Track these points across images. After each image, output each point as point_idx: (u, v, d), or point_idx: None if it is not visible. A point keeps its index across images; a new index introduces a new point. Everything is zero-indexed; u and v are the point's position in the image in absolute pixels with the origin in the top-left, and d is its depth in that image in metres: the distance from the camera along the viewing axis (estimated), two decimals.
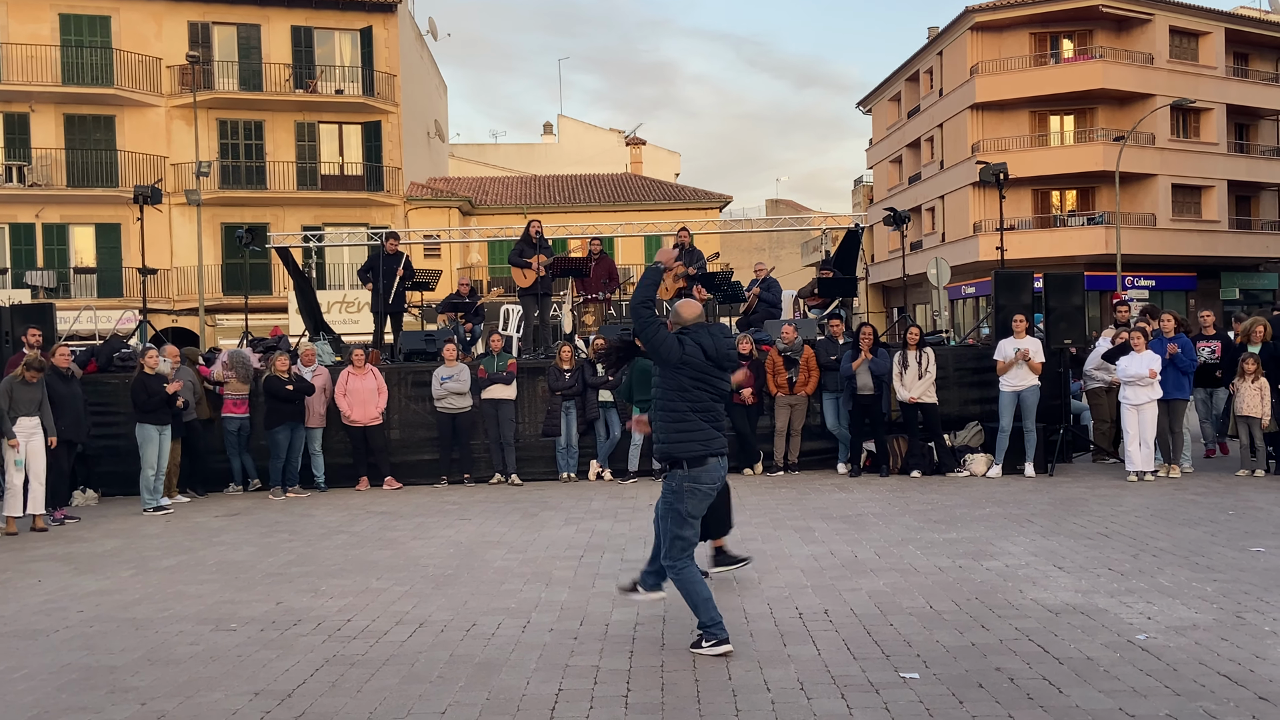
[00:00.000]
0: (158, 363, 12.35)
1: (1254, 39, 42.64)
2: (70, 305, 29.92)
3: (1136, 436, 12.09)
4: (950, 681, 5.15)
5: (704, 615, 5.75)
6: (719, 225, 27.53)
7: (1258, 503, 10.30)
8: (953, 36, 42.04)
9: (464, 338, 16.54)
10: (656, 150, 55.05)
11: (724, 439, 6.00)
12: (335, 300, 30.56)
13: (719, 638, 5.70)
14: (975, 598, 6.79)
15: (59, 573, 8.66)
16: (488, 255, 38.16)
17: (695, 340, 5.90)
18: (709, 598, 5.79)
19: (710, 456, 5.86)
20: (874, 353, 13.17)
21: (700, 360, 5.87)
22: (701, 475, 5.84)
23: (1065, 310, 13.53)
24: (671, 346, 5.86)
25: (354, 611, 6.94)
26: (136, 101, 34.31)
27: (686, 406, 5.87)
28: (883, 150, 51.61)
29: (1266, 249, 42.32)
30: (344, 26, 36.06)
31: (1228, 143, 41.43)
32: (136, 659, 5.97)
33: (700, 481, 5.84)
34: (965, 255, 39.14)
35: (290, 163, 35.51)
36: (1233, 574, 7.23)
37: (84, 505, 12.99)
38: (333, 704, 5.10)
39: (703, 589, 5.80)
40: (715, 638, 5.71)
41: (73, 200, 33.95)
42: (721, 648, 5.68)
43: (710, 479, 5.87)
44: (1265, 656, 5.38)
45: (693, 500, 5.85)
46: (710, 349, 5.89)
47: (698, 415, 5.87)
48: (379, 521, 10.90)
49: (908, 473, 13.24)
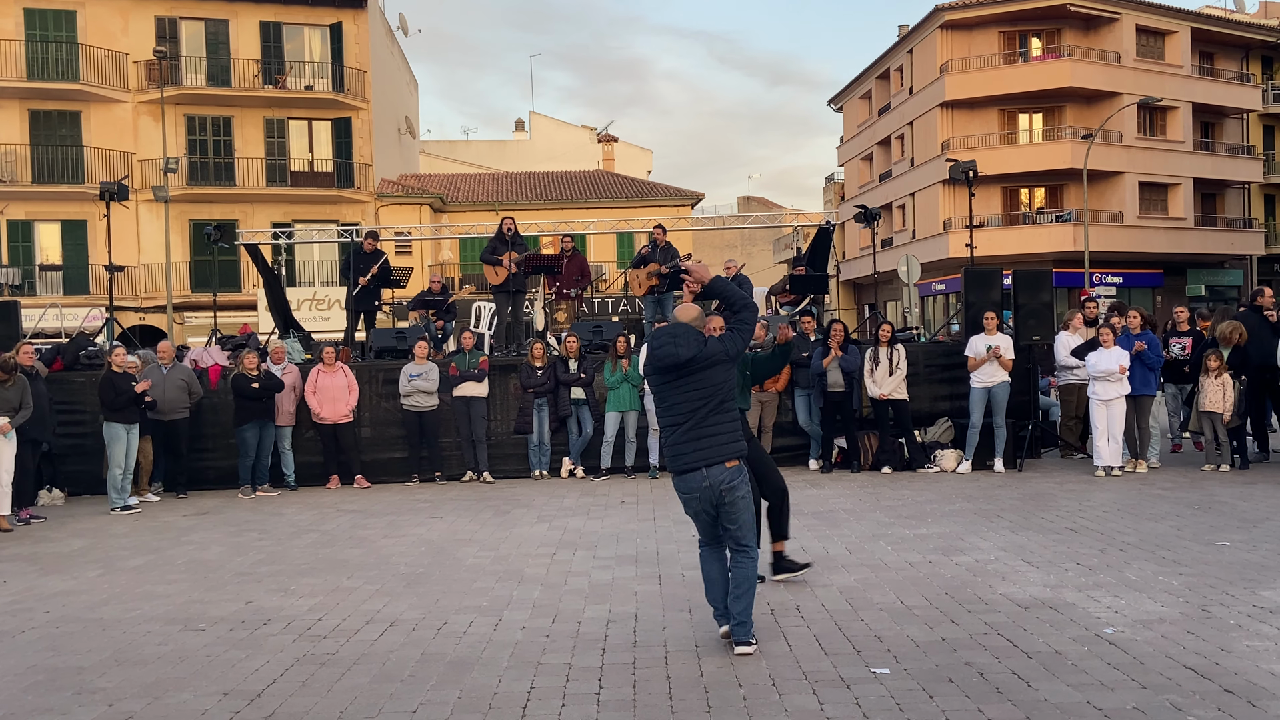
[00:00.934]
0: (125, 360, 12.24)
1: (1220, 38, 43.09)
2: (35, 303, 29.56)
3: (1105, 432, 12.19)
4: (921, 676, 5.18)
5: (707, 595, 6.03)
6: (691, 222, 27.52)
7: (1223, 497, 10.42)
8: (923, 35, 42.25)
9: (435, 335, 16.49)
10: (628, 147, 55.04)
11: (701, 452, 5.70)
12: (305, 298, 30.36)
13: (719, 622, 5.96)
14: (945, 593, 6.83)
15: (25, 573, 8.57)
16: (459, 252, 38.02)
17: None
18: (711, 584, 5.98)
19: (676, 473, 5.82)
20: (845, 349, 13.22)
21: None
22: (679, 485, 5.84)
23: (1034, 307, 13.62)
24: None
25: (324, 610, 6.90)
26: (103, 97, 33.96)
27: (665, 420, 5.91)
28: (854, 148, 51.81)
29: (1232, 246, 42.83)
30: (313, 22, 35.81)
31: (1194, 141, 41.86)
32: (104, 660, 5.91)
33: (679, 491, 5.87)
34: (935, 252, 39.37)
35: (259, 159, 35.24)
36: (1199, 568, 7.30)
37: (50, 505, 12.85)
38: (303, 704, 5.07)
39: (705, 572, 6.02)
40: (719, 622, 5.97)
41: (38, 197, 33.57)
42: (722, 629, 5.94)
43: (684, 489, 5.78)
44: (1230, 649, 5.44)
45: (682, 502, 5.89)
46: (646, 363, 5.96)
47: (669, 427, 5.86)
48: (350, 520, 10.85)
49: (879, 469, 13.30)
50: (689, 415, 5.70)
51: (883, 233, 44.41)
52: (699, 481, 5.67)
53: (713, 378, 5.72)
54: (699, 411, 5.69)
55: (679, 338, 5.69)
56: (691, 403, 5.69)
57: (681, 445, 5.72)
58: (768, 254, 59.37)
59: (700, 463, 5.67)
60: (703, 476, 5.66)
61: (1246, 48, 44.23)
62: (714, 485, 5.66)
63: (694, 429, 5.69)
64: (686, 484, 5.73)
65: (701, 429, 5.69)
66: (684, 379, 5.70)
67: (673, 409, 5.76)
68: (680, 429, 5.72)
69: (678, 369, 5.69)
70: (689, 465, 5.69)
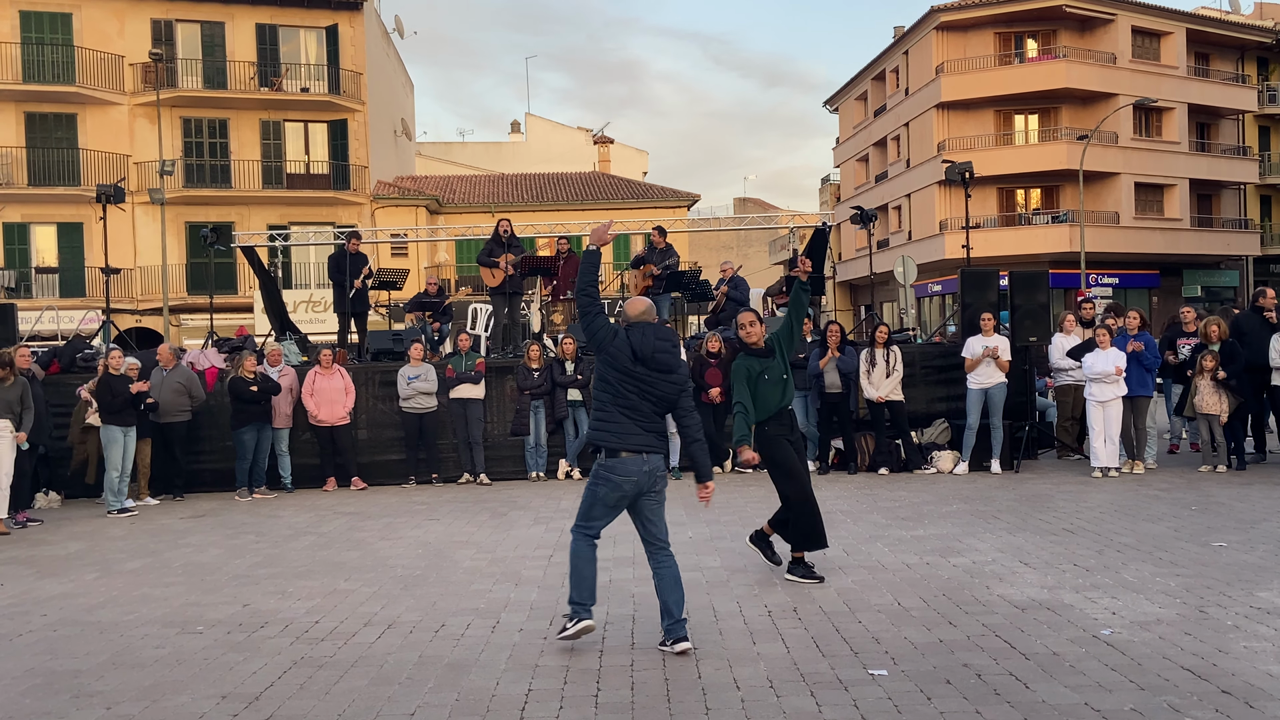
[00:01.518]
0: (122, 363, 12.23)
1: (1215, 39, 43.18)
2: (32, 305, 29.49)
3: (1101, 433, 12.20)
4: (918, 678, 5.18)
5: (574, 590, 5.91)
6: (687, 224, 27.53)
7: (1220, 498, 10.43)
8: (918, 36, 42.30)
9: (432, 337, 16.48)
10: (624, 149, 55.02)
11: (650, 437, 5.86)
12: (301, 300, 30.30)
13: (580, 616, 5.87)
14: (942, 594, 6.84)
15: (22, 576, 8.55)
16: (455, 254, 38.02)
17: (628, 337, 5.87)
18: (585, 576, 5.90)
19: (624, 451, 5.80)
20: (841, 351, 13.23)
21: (626, 357, 5.83)
22: (615, 466, 5.80)
23: (1030, 308, 13.63)
24: (604, 336, 5.88)
25: (322, 613, 6.89)
26: (99, 99, 33.93)
27: (609, 398, 5.87)
28: (850, 149, 51.86)
29: (1228, 247, 42.89)
30: (309, 24, 35.80)
31: (1189, 142, 41.94)
32: (101, 663, 5.90)
33: (614, 472, 5.81)
34: (931, 253, 39.40)
35: (255, 161, 35.22)
36: (1196, 569, 7.31)
37: (47, 508, 12.83)
38: (301, 706, 5.06)
39: (582, 564, 5.90)
40: (578, 616, 5.87)
41: (34, 199, 33.53)
42: (582, 623, 5.85)
43: (624, 472, 5.79)
44: (1228, 651, 5.45)
45: (605, 488, 5.84)
46: (639, 348, 5.82)
47: (620, 409, 5.83)
48: (347, 522, 10.84)
49: (875, 470, 13.31)
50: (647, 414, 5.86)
51: (879, 234, 44.46)
52: (640, 466, 5.79)
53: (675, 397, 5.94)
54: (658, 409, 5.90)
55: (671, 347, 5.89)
56: (650, 405, 5.86)
57: (630, 427, 5.81)
58: (764, 255, 59.42)
59: (645, 448, 5.81)
60: (644, 461, 5.81)
61: (1242, 48, 44.32)
62: (652, 471, 5.83)
63: (646, 420, 5.86)
64: (625, 469, 5.78)
65: (652, 424, 5.89)
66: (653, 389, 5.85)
67: (624, 398, 5.84)
68: (632, 416, 5.82)
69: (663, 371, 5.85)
70: (635, 447, 5.79)
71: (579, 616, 5.88)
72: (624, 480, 5.80)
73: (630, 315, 5.98)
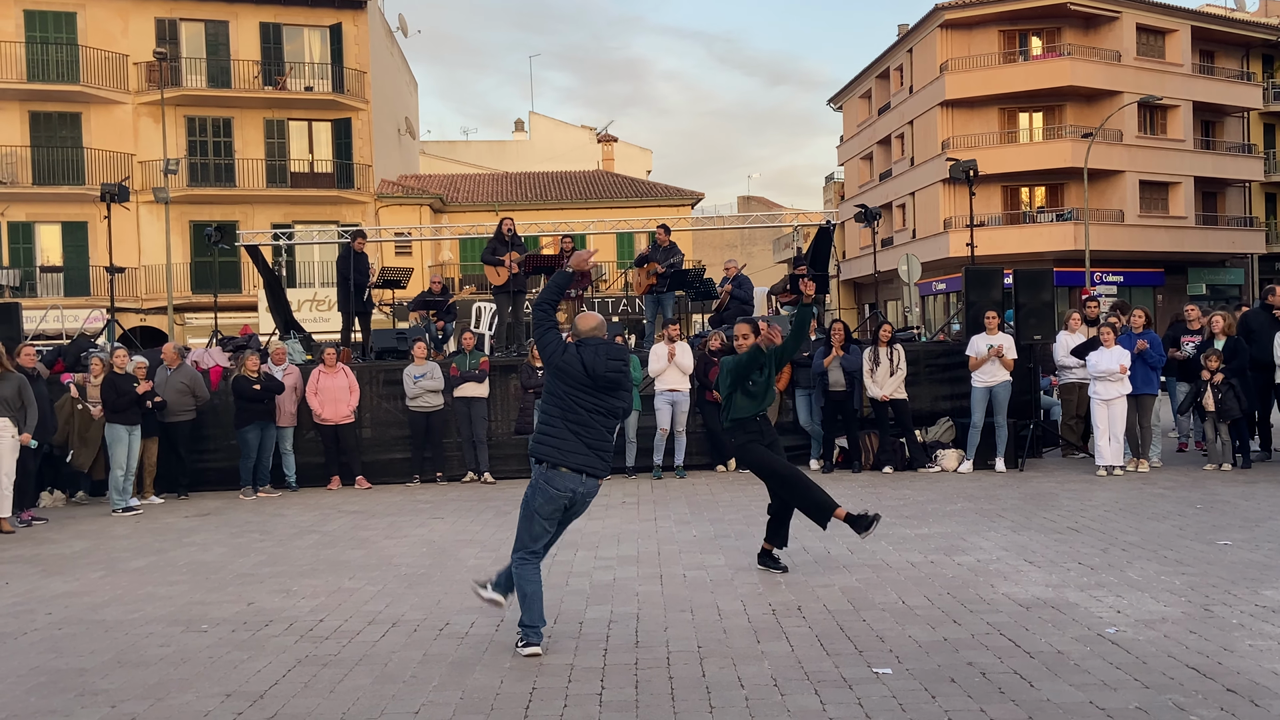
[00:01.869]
0: (126, 362, 12.24)
1: (1220, 36, 43.09)
2: (36, 304, 29.59)
3: (1106, 431, 12.18)
4: (923, 676, 5.18)
5: (526, 615, 5.81)
6: (691, 222, 27.51)
7: (1225, 496, 10.41)
8: (923, 34, 42.25)
9: (436, 336, 16.47)
10: (628, 147, 55.03)
11: (593, 457, 5.85)
12: (305, 299, 30.39)
13: (530, 640, 5.77)
14: (947, 593, 6.83)
15: (27, 575, 8.56)
16: (459, 253, 38.03)
17: (579, 353, 5.85)
18: (537, 598, 5.83)
19: (564, 467, 5.80)
20: (846, 349, 13.22)
21: (577, 372, 5.81)
22: (554, 479, 5.81)
23: (1035, 306, 13.60)
24: (553, 350, 5.88)
25: (326, 611, 6.90)
26: (103, 98, 33.96)
27: (558, 413, 5.86)
28: (854, 147, 51.81)
29: (1233, 244, 42.82)
30: (313, 23, 35.82)
31: (1194, 139, 41.86)
32: (106, 661, 5.91)
33: (552, 484, 5.81)
34: (936, 251, 39.37)
35: (259, 160, 35.25)
36: (1201, 567, 7.30)
37: (52, 506, 12.85)
38: (305, 705, 5.07)
39: (532, 589, 5.83)
40: (527, 640, 5.78)
41: (38, 198, 33.58)
42: (530, 649, 5.74)
43: (561, 486, 5.80)
44: (1233, 649, 5.44)
45: (541, 499, 5.84)
46: (590, 365, 5.80)
47: (567, 424, 5.83)
48: (351, 521, 10.84)
49: (880, 468, 13.30)
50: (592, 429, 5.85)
51: (883, 232, 44.42)
52: (576, 485, 5.83)
53: (617, 416, 5.98)
54: (600, 430, 5.88)
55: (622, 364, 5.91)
56: (599, 422, 5.87)
57: (576, 445, 5.81)
58: (768, 254, 59.38)
59: (587, 469, 5.84)
60: (581, 482, 5.84)
61: (1247, 46, 44.23)
62: (586, 495, 5.90)
63: (594, 440, 5.86)
64: (564, 482, 5.81)
65: (599, 443, 5.89)
66: (602, 405, 5.87)
67: (573, 413, 5.84)
68: (580, 435, 5.82)
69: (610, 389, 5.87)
70: (578, 466, 5.81)
71: (528, 640, 5.78)
72: (559, 494, 5.81)
73: (581, 330, 6.00)
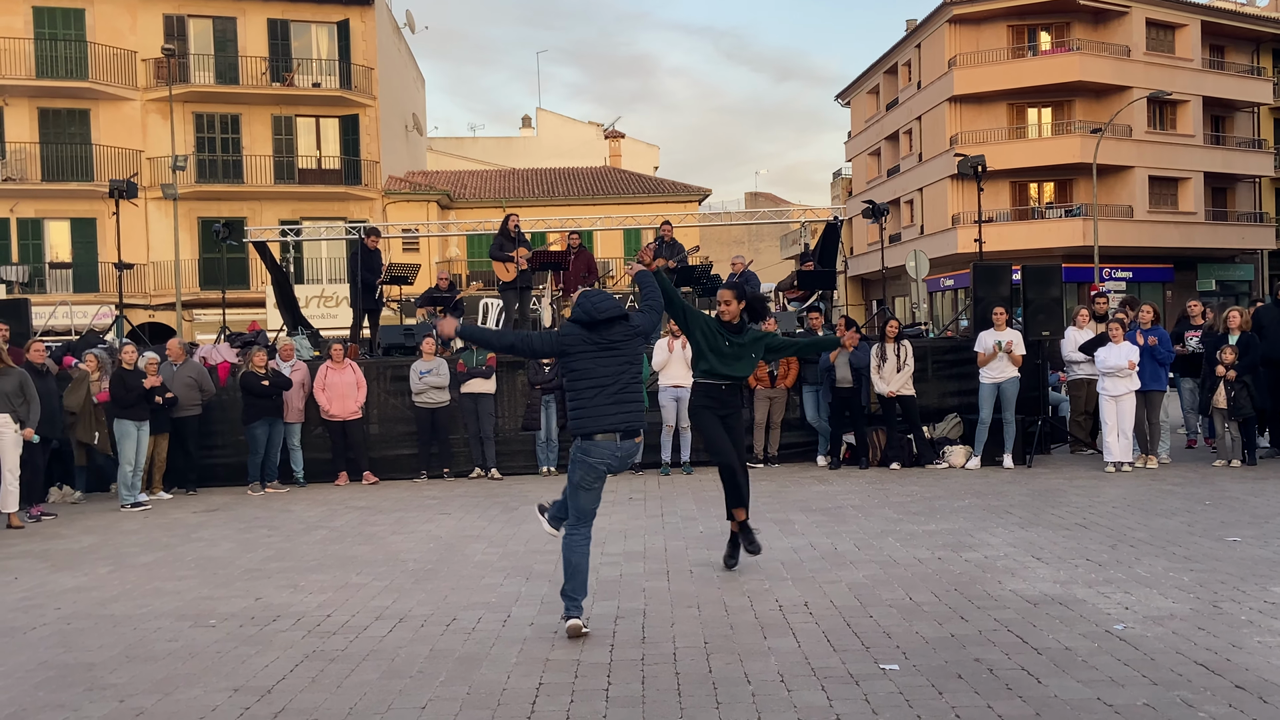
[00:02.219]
0: (135, 358, 12.27)
1: (1230, 31, 42.91)
2: (45, 300, 29.66)
3: (1115, 428, 12.15)
4: (930, 672, 5.17)
5: (567, 583, 6.01)
6: (698, 218, 27.49)
7: (1234, 493, 10.38)
8: (931, 29, 42.14)
9: None
10: (635, 143, 54.99)
11: (625, 412, 6.00)
12: (313, 295, 30.39)
13: (569, 612, 5.96)
14: (954, 589, 6.82)
15: (36, 570, 8.59)
16: (466, 249, 38.04)
17: (572, 319, 6.10)
18: (580, 570, 6.01)
19: (598, 434, 5.95)
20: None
21: (575, 331, 6.02)
22: (590, 450, 5.97)
23: (1043, 302, 13.57)
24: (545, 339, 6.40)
25: (333, 607, 6.91)
26: (111, 95, 34.03)
27: (581, 385, 6.03)
28: (861, 143, 51.71)
29: (1243, 240, 42.66)
30: (321, 19, 35.86)
31: (1204, 135, 41.72)
32: (114, 656, 5.93)
33: (589, 455, 5.98)
34: (944, 247, 39.29)
35: (267, 156, 35.30)
36: (1209, 564, 7.28)
37: (61, 502, 12.89)
38: (312, 700, 5.07)
39: (577, 558, 6.02)
40: (568, 612, 5.97)
41: (47, 194, 33.69)
42: (570, 622, 5.92)
43: (596, 455, 5.96)
44: (1241, 645, 5.42)
45: (580, 471, 6.02)
46: (586, 311, 5.99)
47: (590, 387, 5.98)
48: (358, 516, 10.86)
49: (887, 465, 13.28)
50: (615, 379, 5.98)
51: (891, 228, 44.38)
52: (613, 450, 5.97)
53: (634, 347, 6.10)
54: (622, 378, 6.01)
55: (611, 298, 6.09)
56: (616, 367, 5.99)
57: (605, 407, 5.95)
58: (775, 250, 59.30)
59: (623, 426, 5.97)
60: (618, 446, 6.00)
61: (1257, 40, 44.05)
62: (625, 456, 6.02)
63: (619, 393, 5.99)
64: (600, 452, 5.95)
65: (625, 394, 6.00)
66: (611, 347, 5.99)
67: (591, 373, 5.96)
68: (604, 391, 5.96)
69: (617, 322, 6.00)
70: (611, 427, 5.93)
71: (568, 613, 5.98)
72: (597, 464, 5.98)
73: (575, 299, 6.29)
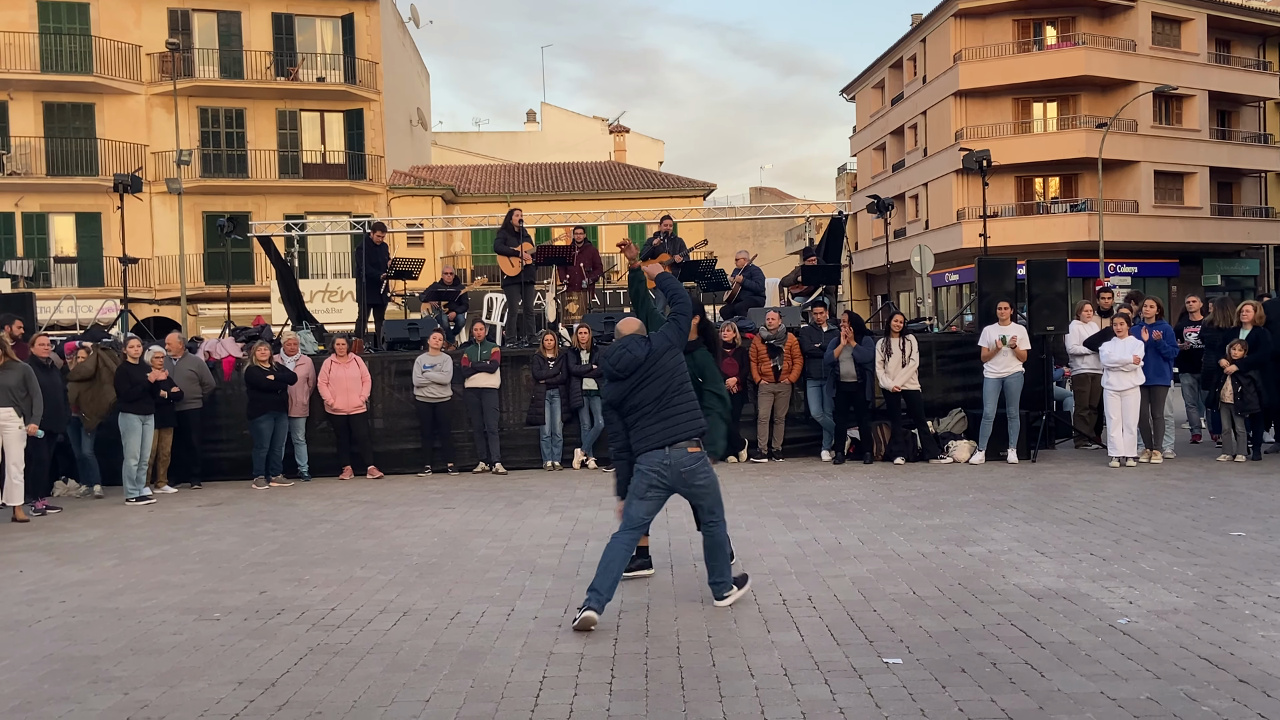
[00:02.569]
0: (140, 352, 12.28)
1: (1235, 25, 42.78)
2: (50, 295, 29.71)
3: (1119, 422, 12.14)
4: (933, 666, 5.17)
5: (597, 578, 6.08)
6: (703, 213, 27.47)
7: (1238, 487, 10.37)
8: (936, 24, 42.06)
9: (448, 326, 16.50)
10: (640, 138, 54.95)
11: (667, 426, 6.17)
12: (318, 289, 30.46)
13: (587, 604, 6.00)
14: (958, 583, 6.82)
15: (41, 563, 8.61)
16: (471, 244, 38.05)
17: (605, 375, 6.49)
18: (612, 571, 6.08)
19: (646, 449, 6.19)
20: (858, 340, 13.19)
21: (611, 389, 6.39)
22: (643, 460, 6.22)
23: (1048, 297, 13.56)
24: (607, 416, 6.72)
25: (338, 600, 6.92)
26: (116, 89, 34.06)
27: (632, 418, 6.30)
28: (866, 138, 51.64)
29: (1248, 235, 42.54)
30: (325, 14, 35.86)
31: (1210, 129, 41.59)
32: (119, 649, 5.94)
33: (642, 464, 6.23)
34: (949, 242, 39.23)
35: (272, 151, 35.32)
36: (1213, 558, 7.27)
37: (66, 495, 12.91)
38: (317, 693, 5.08)
39: (613, 558, 6.12)
40: (586, 603, 6.01)
41: (52, 189, 33.73)
42: (585, 613, 5.97)
43: (647, 464, 6.18)
44: (1245, 640, 5.42)
45: (636, 479, 6.27)
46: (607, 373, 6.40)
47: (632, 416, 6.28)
48: (363, 510, 10.88)
49: (891, 459, 13.28)
50: (655, 401, 6.19)
51: (895, 223, 44.30)
52: (660, 459, 6.15)
53: (666, 364, 6.25)
54: (663, 397, 6.21)
55: (628, 346, 6.29)
56: (655, 391, 6.21)
57: (649, 427, 6.20)
58: (780, 245, 59.24)
59: (663, 441, 6.16)
60: (664, 455, 6.16)
61: (1263, 35, 43.92)
62: (674, 465, 6.16)
63: (659, 411, 6.19)
64: (648, 461, 6.17)
65: (665, 410, 6.19)
66: (645, 378, 6.20)
67: (639, 406, 6.24)
68: (648, 415, 6.21)
69: (638, 369, 6.22)
70: (656, 444, 6.17)
71: (586, 604, 6.02)
72: (649, 472, 6.18)
73: (622, 334, 6.48)
